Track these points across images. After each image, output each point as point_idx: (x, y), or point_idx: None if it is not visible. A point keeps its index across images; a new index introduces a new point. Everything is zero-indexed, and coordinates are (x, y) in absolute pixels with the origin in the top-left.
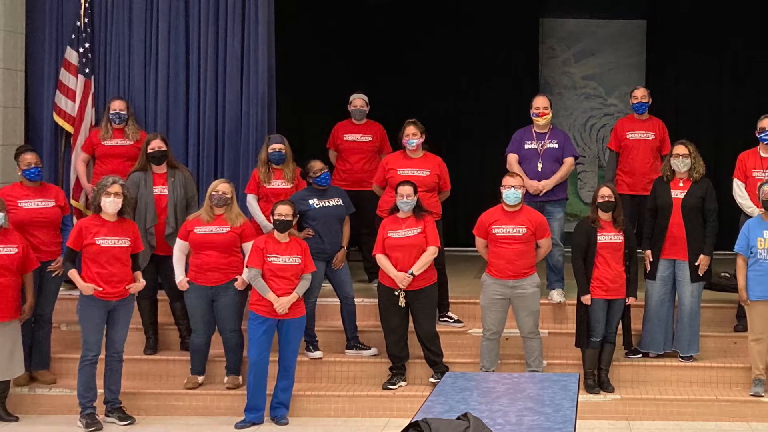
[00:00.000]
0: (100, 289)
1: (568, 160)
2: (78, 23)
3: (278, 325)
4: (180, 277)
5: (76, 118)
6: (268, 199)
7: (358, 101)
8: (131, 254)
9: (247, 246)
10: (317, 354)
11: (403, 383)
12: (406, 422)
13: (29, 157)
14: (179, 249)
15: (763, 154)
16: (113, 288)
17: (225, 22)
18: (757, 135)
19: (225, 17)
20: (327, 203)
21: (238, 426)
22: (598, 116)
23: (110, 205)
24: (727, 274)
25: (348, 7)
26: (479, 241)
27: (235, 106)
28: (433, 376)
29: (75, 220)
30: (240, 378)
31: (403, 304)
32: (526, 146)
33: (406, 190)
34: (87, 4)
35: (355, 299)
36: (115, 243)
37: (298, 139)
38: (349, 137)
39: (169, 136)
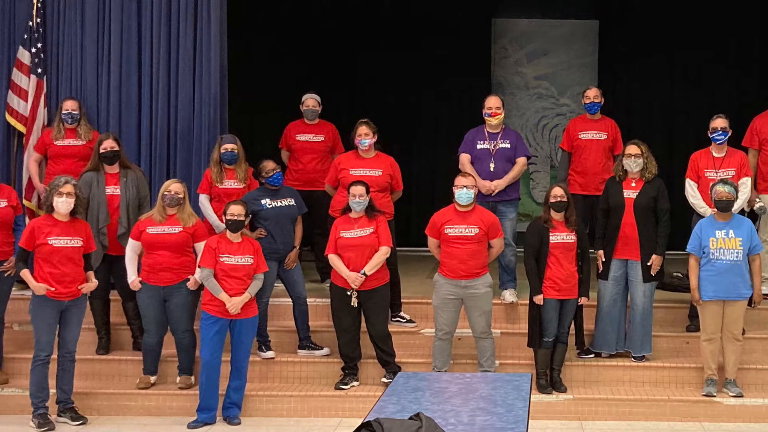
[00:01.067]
0: (53, 289)
1: (521, 160)
2: (30, 23)
3: (230, 325)
4: (132, 277)
5: (29, 118)
6: (221, 199)
7: (311, 101)
8: (83, 254)
9: (200, 246)
10: (269, 354)
11: (355, 383)
12: (358, 422)
13: None
14: (131, 249)
15: (715, 154)
16: (66, 288)
17: (177, 22)
18: (709, 135)
19: (177, 17)
20: (279, 203)
21: (190, 426)
22: (551, 116)
23: (62, 205)
24: (679, 274)
25: (300, 8)
26: (431, 241)
27: (187, 106)
28: (385, 376)
29: (27, 220)
30: (192, 378)
31: (356, 304)
32: (479, 146)
33: (358, 190)
34: (39, 4)
35: (308, 299)
36: (67, 243)
37: (251, 139)
38: (301, 137)
39: (122, 136)
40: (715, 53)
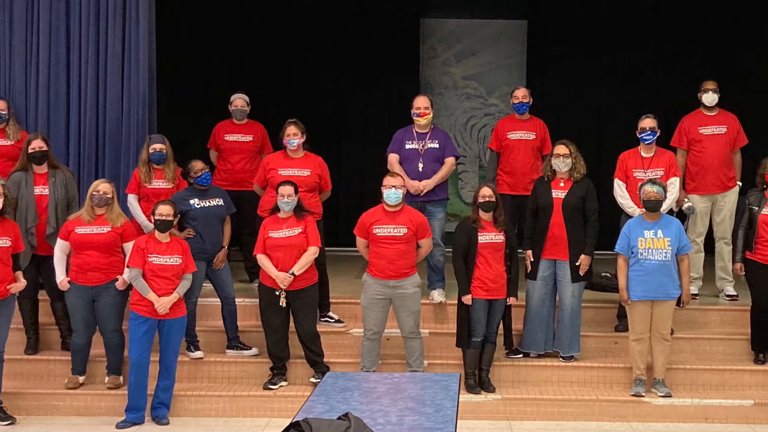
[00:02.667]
0: None
1: (449, 160)
2: None
3: (159, 325)
4: (61, 277)
5: None
6: (149, 199)
7: (239, 101)
8: (12, 254)
9: (128, 246)
10: (198, 354)
11: (283, 383)
12: (286, 422)
13: None
14: (60, 249)
15: (644, 154)
16: None
17: (106, 23)
18: (637, 135)
19: (106, 17)
20: (208, 203)
21: (119, 426)
22: (479, 116)
23: None
24: (607, 274)
25: (229, 7)
26: (360, 241)
27: (115, 106)
28: (313, 376)
29: None
30: (121, 378)
31: (284, 304)
32: (407, 146)
33: (286, 190)
34: None
35: (236, 299)
36: None
37: (179, 139)
38: (230, 137)
39: (50, 136)
40: (644, 53)
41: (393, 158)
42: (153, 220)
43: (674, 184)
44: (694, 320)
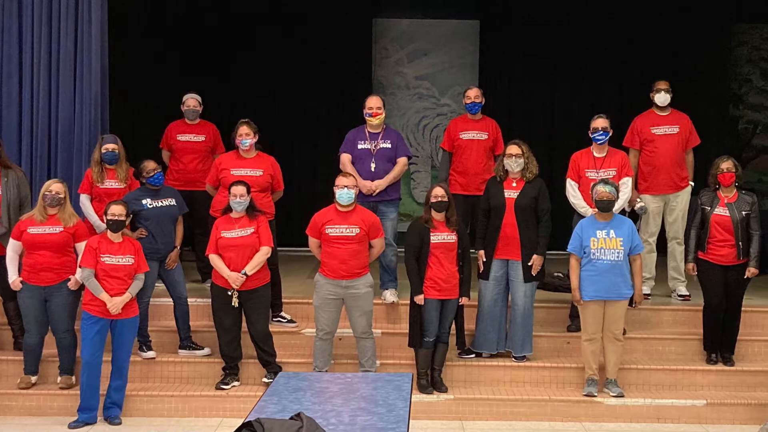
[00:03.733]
0: None
1: (401, 160)
2: None
3: (111, 325)
4: (13, 277)
5: None
6: (101, 199)
7: (191, 101)
8: None
9: (81, 246)
10: (150, 354)
11: (236, 383)
12: (239, 422)
13: None
14: (12, 249)
15: (596, 154)
16: None
17: (58, 23)
18: (590, 135)
19: (58, 17)
20: (160, 203)
21: (71, 426)
22: (432, 116)
23: None
24: (560, 274)
25: (181, 8)
26: (312, 241)
27: (68, 106)
28: (266, 376)
29: None
30: (73, 378)
31: (236, 304)
32: (360, 146)
33: (239, 190)
34: None
35: (188, 299)
36: None
37: (132, 139)
38: (182, 137)
39: (2, 135)
40: (596, 53)
41: (345, 158)
42: (105, 220)
43: (626, 184)
44: (646, 320)
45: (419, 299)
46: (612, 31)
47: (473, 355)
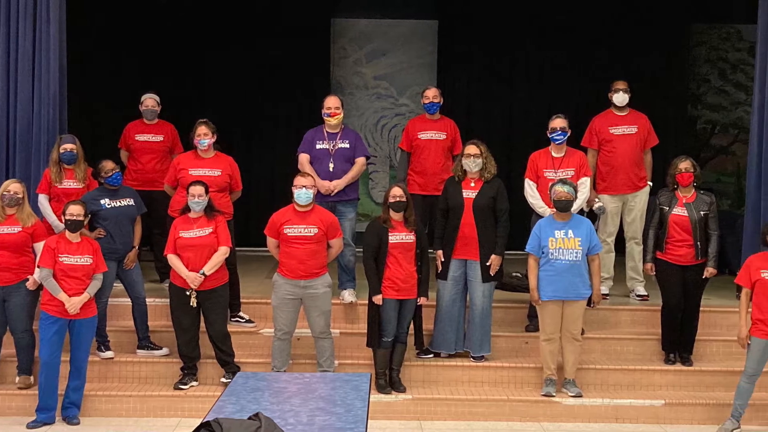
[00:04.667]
0: None
1: (360, 160)
2: None
3: (70, 325)
4: None
5: None
6: (60, 199)
7: (150, 101)
8: None
9: (39, 246)
10: (109, 354)
11: (194, 383)
12: (197, 422)
13: None
14: None
15: (554, 154)
16: None
17: (16, 23)
18: (548, 135)
19: (16, 17)
20: (118, 203)
21: (29, 426)
22: (390, 116)
23: None
24: (518, 274)
25: (140, 7)
26: (270, 241)
27: (26, 106)
28: (224, 376)
29: None
30: (32, 378)
31: (195, 304)
32: (318, 146)
33: (197, 190)
34: None
35: (147, 299)
36: None
37: (90, 139)
38: (140, 137)
39: None
40: (555, 53)
41: (303, 158)
42: (63, 220)
43: (585, 184)
44: (604, 320)
45: (377, 299)
46: (571, 31)
47: (431, 355)
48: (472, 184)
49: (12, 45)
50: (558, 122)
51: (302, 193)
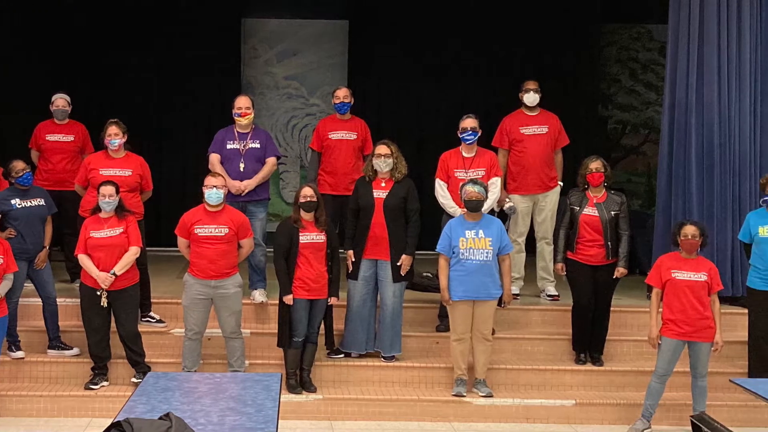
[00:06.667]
0: None
1: (270, 160)
2: None
3: None
4: None
5: None
6: None
7: (60, 101)
8: None
9: None
10: (19, 354)
11: (105, 383)
12: (108, 422)
13: None
14: None
15: (465, 154)
16: None
17: None
18: (459, 135)
19: None
20: (29, 203)
21: None
22: (301, 116)
23: None
24: (429, 274)
25: (48, 6)
26: (181, 241)
27: None
28: (135, 376)
29: None
30: None
31: (105, 304)
32: (228, 146)
33: (108, 190)
34: None
35: (57, 299)
36: None
37: (0, 140)
38: (51, 137)
39: None
40: (465, 53)
41: (214, 158)
42: None
43: (495, 184)
44: (515, 320)
45: (288, 299)
46: (482, 31)
47: (342, 355)
48: (383, 184)
49: None
50: (469, 122)
51: (213, 193)
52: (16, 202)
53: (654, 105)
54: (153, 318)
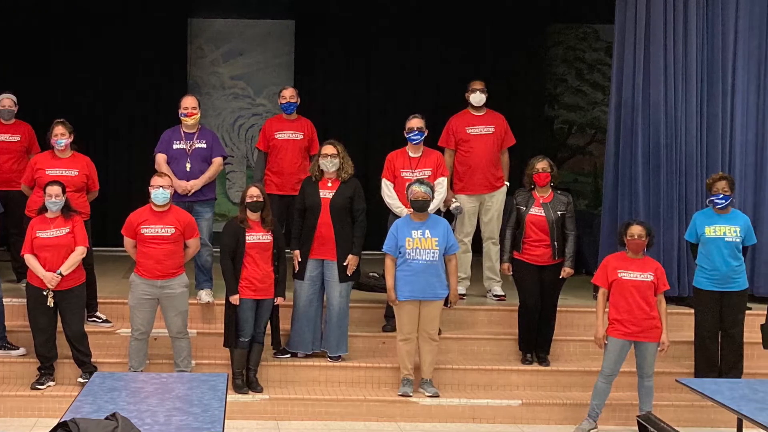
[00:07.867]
0: None
1: (217, 160)
2: None
3: None
4: None
5: None
6: None
7: (6, 101)
8: None
9: None
10: None
11: (51, 383)
12: (54, 422)
13: None
14: None
15: (411, 154)
16: None
17: None
18: (405, 135)
19: None
20: None
21: None
22: (247, 116)
23: None
24: (375, 274)
25: None
26: (128, 241)
27: None
28: (81, 376)
29: None
30: None
31: (52, 304)
32: (175, 146)
33: (54, 190)
34: None
35: (3, 299)
36: None
37: None
38: None
39: None
40: (412, 53)
41: (160, 158)
42: None
43: (442, 184)
44: (461, 320)
45: (234, 299)
46: (428, 31)
47: (289, 355)
48: (329, 184)
49: None
50: (415, 122)
51: (159, 193)
52: None
53: (600, 105)
54: (99, 318)
